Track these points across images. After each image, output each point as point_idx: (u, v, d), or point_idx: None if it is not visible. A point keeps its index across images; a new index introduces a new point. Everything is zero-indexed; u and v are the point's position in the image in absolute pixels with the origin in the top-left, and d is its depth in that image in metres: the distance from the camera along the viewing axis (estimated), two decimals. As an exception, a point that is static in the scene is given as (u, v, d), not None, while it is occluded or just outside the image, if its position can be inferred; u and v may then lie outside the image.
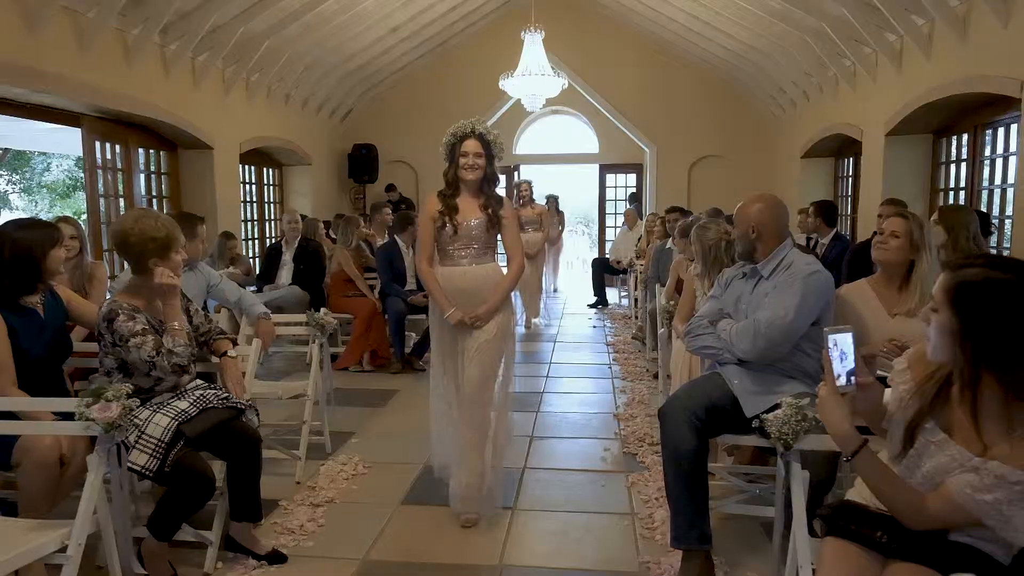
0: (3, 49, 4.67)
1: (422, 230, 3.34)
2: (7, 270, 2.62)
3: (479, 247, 3.29)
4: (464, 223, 3.25)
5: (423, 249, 3.33)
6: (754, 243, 2.81)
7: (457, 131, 3.27)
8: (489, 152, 3.27)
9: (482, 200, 3.28)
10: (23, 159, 17.67)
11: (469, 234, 3.26)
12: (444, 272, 3.30)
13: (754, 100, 10.47)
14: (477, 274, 3.28)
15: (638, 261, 8.32)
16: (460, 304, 3.23)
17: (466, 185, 3.27)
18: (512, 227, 3.35)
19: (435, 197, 3.32)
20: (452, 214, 3.24)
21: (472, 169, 3.23)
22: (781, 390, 2.63)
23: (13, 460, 2.50)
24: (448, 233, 3.25)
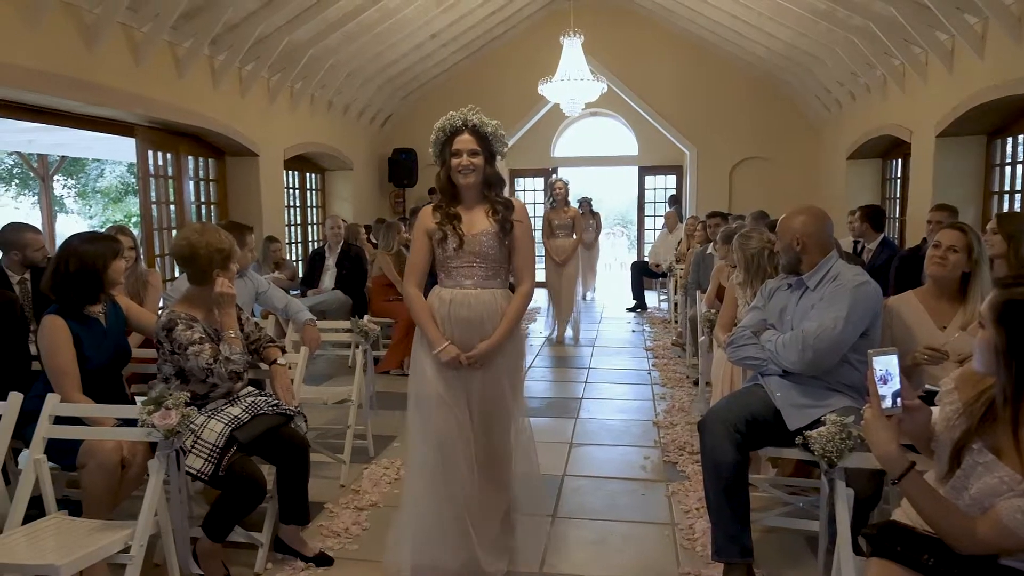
0: (64, 65, 4.86)
1: (413, 247, 2.79)
2: (72, 282, 2.75)
3: (488, 266, 2.69)
4: (470, 234, 2.66)
5: (412, 270, 2.75)
6: (799, 255, 2.79)
7: (446, 125, 2.67)
8: (488, 149, 2.68)
9: (488, 206, 2.71)
10: (79, 165, 18.26)
11: (477, 248, 2.67)
12: (442, 296, 2.71)
13: (798, 100, 10.32)
14: (483, 301, 2.67)
15: (678, 265, 8.27)
16: (460, 337, 2.66)
17: (465, 192, 2.70)
18: (526, 238, 2.75)
19: (432, 210, 2.74)
20: (456, 222, 2.67)
21: (467, 171, 2.64)
22: (825, 403, 2.62)
23: (78, 462, 2.63)
24: (451, 247, 2.66)
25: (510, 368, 2.76)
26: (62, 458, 2.66)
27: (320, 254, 6.93)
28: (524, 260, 2.75)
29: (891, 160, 8.62)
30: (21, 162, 15.90)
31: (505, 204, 2.72)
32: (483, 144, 2.67)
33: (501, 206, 2.70)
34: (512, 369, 2.78)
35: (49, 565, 1.96)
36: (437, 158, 2.72)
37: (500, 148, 2.73)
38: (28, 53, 4.57)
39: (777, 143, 10.59)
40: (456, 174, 2.66)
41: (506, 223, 2.69)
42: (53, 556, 2.03)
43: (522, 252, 2.74)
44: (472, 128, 2.66)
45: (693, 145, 10.88)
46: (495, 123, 2.70)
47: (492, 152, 2.71)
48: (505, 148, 2.75)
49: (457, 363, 2.64)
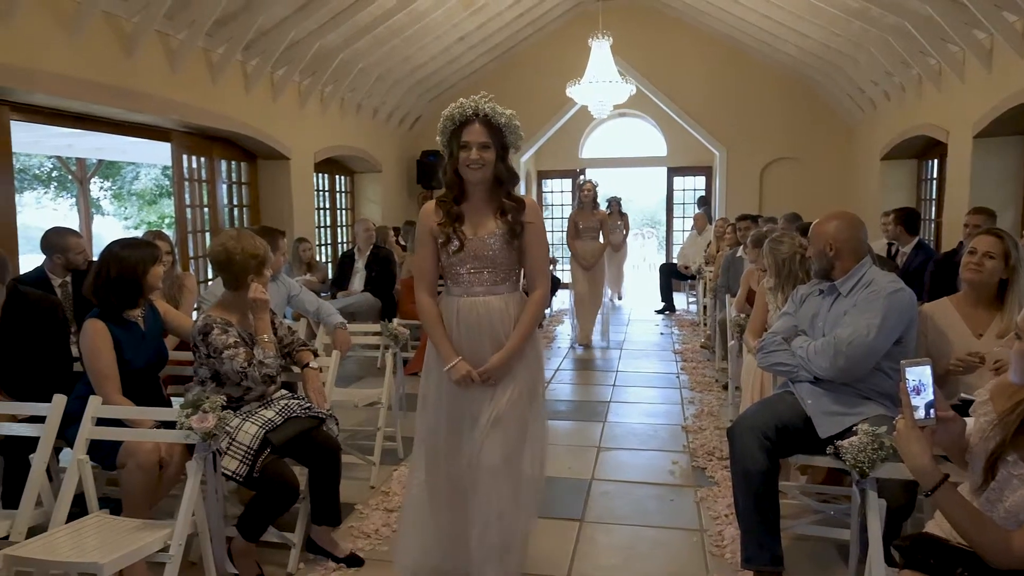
0: (103, 73, 4.98)
1: (419, 250, 2.55)
2: (113, 287, 2.82)
3: (496, 270, 2.47)
4: (475, 236, 2.44)
5: (421, 275, 2.53)
6: (832, 261, 2.77)
7: (454, 113, 2.41)
8: (500, 141, 2.43)
9: (497, 205, 2.47)
10: (114, 168, 18.66)
11: (483, 252, 2.44)
12: (448, 304, 2.51)
13: (830, 100, 10.19)
14: (494, 308, 2.47)
15: (707, 267, 8.22)
16: (470, 349, 2.47)
17: (473, 188, 2.46)
18: (538, 240, 2.52)
19: (435, 207, 2.50)
20: (457, 224, 2.44)
21: (476, 165, 2.39)
22: (857, 411, 2.60)
23: (118, 462, 2.71)
24: (453, 250, 2.44)
25: (527, 377, 2.53)
26: (103, 458, 2.73)
27: (350, 256, 7.01)
28: (537, 264, 2.52)
29: (927, 161, 8.48)
30: (60, 165, 16.29)
31: (515, 204, 2.47)
32: (495, 136, 2.41)
33: (511, 206, 2.45)
34: (530, 378, 2.54)
35: (92, 563, 2.02)
36: (445, 149, 2.46)
37: (514, 141, 2.46)
38: (70, 62, 4.70)
39: (809, 143, 10.47)
40: (464, 168, 2.41)
41: (516, 225, 2.44)
42: (96, 554, 2.09)
43: (535, 255, 2.50)
44: (483, 118, 2.39)
45: (723, 146, 10.80)
46: (509, 113, 2.43)
47: (505, 145, 2.44)
48: (520, 141, 2.49)
49: (469, 381, 2.43)
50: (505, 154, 2.47)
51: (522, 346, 2.48)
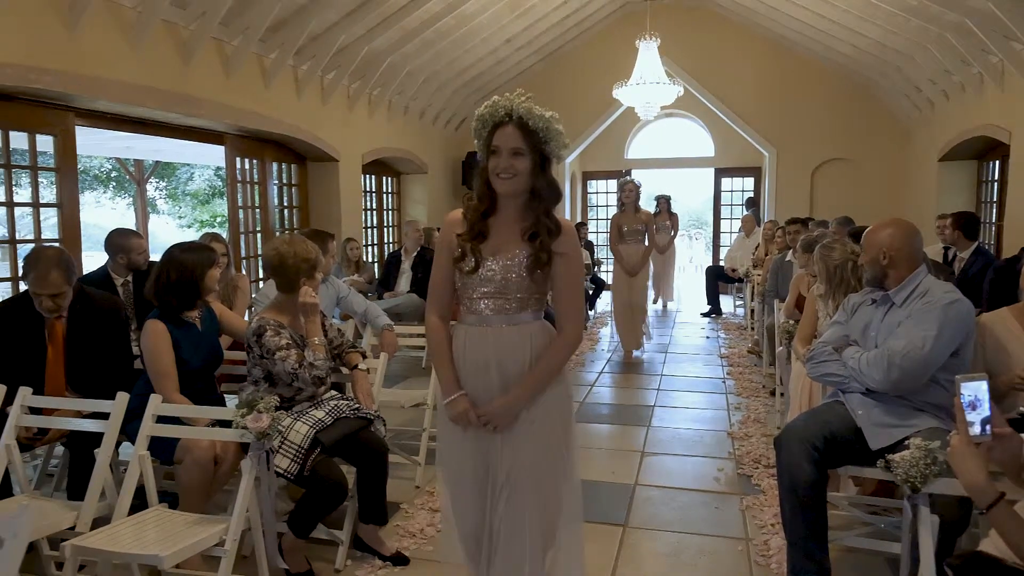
0: (163, 79, 5.15)
1: (436, 261, 2.20)
2: (173, 289, 2.93)
3: (514, 298, 2.10)
4: (493, 259, 2.07)
5: (433, 293, 2.20)
6: (885, 269, 2.71)
7: (486, 114, 2.07)
8: (537, 148, 2.05)
9: (527, 225, 2.08)
10: (169, 169, 19.24)
11: (499, 278, 2.08)
12: (458, 332, 2.17)
13: (886, 99, 9.93)
14: (509, 342, 2.10)
15: (755, 270, 8.10)
16: (476, 386, 2.11)
17: (503, 202, 2.10)
18: (571, 274, 2.12)
19: (460, 217, 2.16)
20: (477, 242, 2.09)
21: (506, 175, 2.03)
22: (910, 424, 2.54)
23: (176, 458, 2.82)
24: (466, 269, 2.08)
25: (549, 433, 2.11)
26: (161, 454, 2.84)
27: (396, 257, 7.11)
28: (569, 302, 2.13)
29: (987, 162, 8.21)
30: (119, 167, 16.86)
31: (550, 228, 2.07)
32: (530, 142, 2.02)
33: (545, 228, 2.06)
34: (553, 435, 2.12)
35: (154, 555, 2.11)
36: (480, 153, 2.12)
37: (556, 149, 2.07)
38: (131, 70, 4.87)
39: (862, 144, 10.22)
40: (493, 178, 2.06)
41: (543, 253, 2.05)
42: (156, 547, 2.18)
43: (567, 292, 2.12)
44: (518, 120, 2.02)
45: (772, 146, 10.62)
46: (550, 115, 2.04)
47: (544, 154, 2.06)
48: (563, 149, 2.09)
49: (466, 420, 2.08)
50: (545, 165, 2.08)
51: (535, 393, 2.06)
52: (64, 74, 4.37)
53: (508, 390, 2.07)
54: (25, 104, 4.52)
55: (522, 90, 2.10)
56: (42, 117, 4.69)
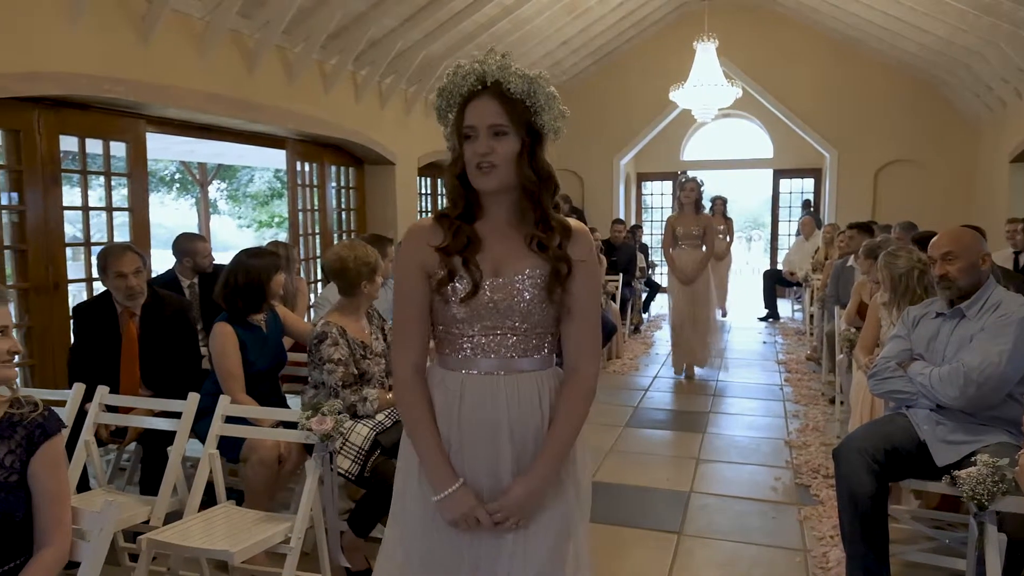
0: (228, 87, 5.33)
1: (400, 292, 1.62)
2: (241, 293, 3.05)
3: (527, 332, 1.58)
4: (497, 277, 1.55)
5: (401, 334, 1.62)
6: (986, 275, 2.61)
7: (451, 87, 1.56)
8: (524, 122, 1.52)
9: (529, 230, 1.57)
10: (231, 171, 19.82)
11: (509, 303, 1.55)
12: (445, 386, 1.59)
13: (953, 99, 9.60)
14: (523, 397, 1.57)
15: (814, 275, 7.92)
16: (478, 467, 1.56)
17: (489, 201, 1.58)
18: (589, 291, 1.61)
19: (432, 225, 1.60)
20: (470, 254, 1.54)
21: (485, 165, 1.51)
22: (979, 439, 2.47)
23: (242, 456, 2.93)
24: (459, 296, 1.54)
25: (564, 518, 1.59)
26: (227, 452, 2.95)
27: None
28: (586, 329, 1.61)
29: (1062, 163, 7.87)
30: (183, 169, 17.47)
31: (563, 229, 1.57)
32: (515, 114, 1.50)
33: (556, 231, 1.56)
34: (569, 520, 1.60)
35: (224, 551, 2.21)
36: (448, 141, 1.60)
37: (551, 121, 1.55)
38: (199, 78, 5.06)
39: (928, 145, 9.90)
40: (471, 171, 1.52)
41: (562, 263, 1.55)
42: (226, 543, 2.28)
43: (584, 315, 1.59)
44: (494, 87, 1.51)
45: (833, 147, 10.37)
46: (535, 74, 1.54)
47: (534, 129, 1.53)
48: (561, 120, 1.57)
49: (473, 521, 1.52)
50: (536, 144, 1.53)
51: (553, 469, 1.55)
52: (137, 83, 4.56)
53: (523, 469, 1.53)
54: (100, 112, 4.73)
55: (495, 48, 1.57)
56: (116, 125, 4.90)
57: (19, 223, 4.22)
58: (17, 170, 4.18)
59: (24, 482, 1.62)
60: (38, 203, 4.28)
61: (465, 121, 1.52)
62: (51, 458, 1.65)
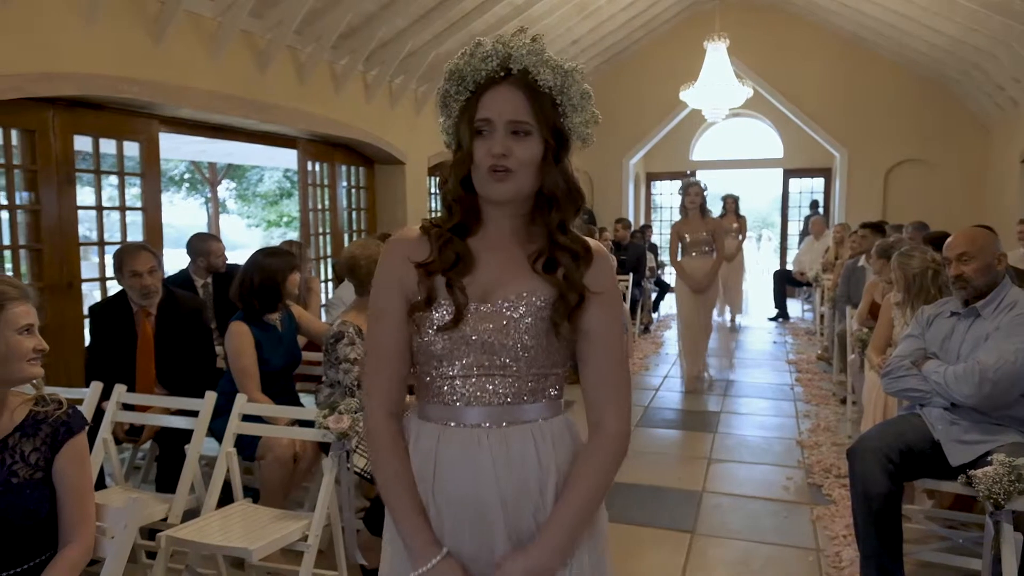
0: (241, 87, 5.36)
1: (374, 314, 1.34)
2: (257, 293, 3.07)
3: (530, 374, 1.29)
4: (485, 305, 1.27)
5: (374, 370, 1.34)
6: (1002, 274, 2.61)
7: (466, 68, 1.28)
8: (552, 123, 1.26)
9: (536, 248, 1.31)
10: (240, 171, 19.91)
11: (500, 335, 1.26)
12: (423, 440, 1.31)
13: (964, 98, 9.56)
14: (519, 457, 1.27)
15: (824, 275, 7.90)
16: (463, 537, 1.28)
17: (493, 213, 1.31)
18: (612, 330, 1.32)
19: (419, 237, 1.33)
20: (455, 274, 1.27)
21: (500, 171, 1.24)
22: (993, 439, 2.47)
23: (257, 454, 2.95)
24: (439, 324, 1.27)
25: None
26: (242, 450, 2.97)
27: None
28: (611, 375, 1.31)
29: (1074, 163, 7.82)
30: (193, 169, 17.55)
31: (574, 251, 1.29)
32: (541, 113, 1.24)
33: (566, 254, 1.28)
34: None
35: (243, 548, 2.23)
36: (447, 135, 1.33)
37: (581, 127, 1.28)
38: (212, 78, 5.09)
39: (939, 144, 9.86)
40: (479, 174, 1.25)
41: (572, 292, 1.26)
42: (244, 540, 2.29)
43: (603, 352, 1.30)
44: (521, 76, 1.25)
45: (844, 147, 10.34)
46: (571, 66, 1.27)
47: (560, 133, 1.26)
48: (593, 124, 1.29)
49: None
50: (560, 150, 1.27)
51: (575, 539, 1.27)
52: (150, 84, 4.59)
53: (524, 542, 1.25)
54: (114, 112, 4.76)
55: (524, 28, 1.32)
56: (129, 125, 4.93)
57: (34, 222, 4.26)
58: (32, 169, 4.22)
59: (49, 479, 1.64)
60: (52, 202, 4.31)
61: (479, 112, 1.25)
62: (75, 455, 1.67)
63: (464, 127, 1.27)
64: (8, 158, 4.14)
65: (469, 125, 1.26)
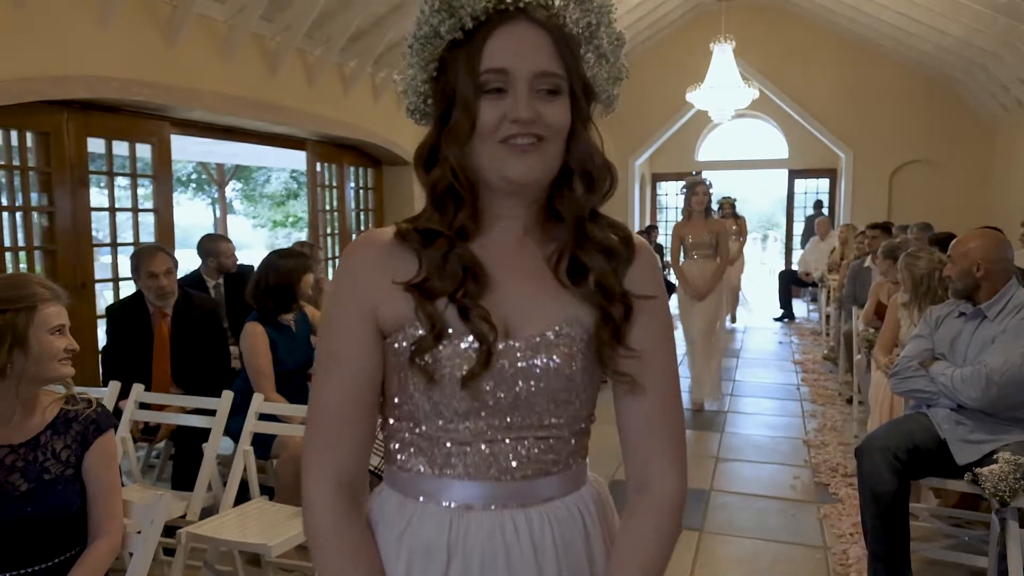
0: (251, 89, 5.42)
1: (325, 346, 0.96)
2: (271, 293, 3.12)
3: (570, 429, 0.97)
4: (507, 346, 0.91)
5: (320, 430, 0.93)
6: (979, 282, 2.66)
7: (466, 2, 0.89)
8: (581, 78, 0.94)
9: (556, 248, 0.97)
10: (247, 171, 19.98)
11: (540, 379, 0.91)
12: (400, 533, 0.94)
13: (969, 99, 9.56)
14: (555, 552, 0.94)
15: (830, 275, 7.92)
16: None
17: (499, 204, 0.96)
18: (665, 348, 0.99)
19: (393, 243, 0.95)
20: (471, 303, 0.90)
21: (525, 140, 0.89)
22: (999, 438, 2.50)
23: (272, 453, 2.99)
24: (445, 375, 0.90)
25: None
26: (257, 449, 3.01)
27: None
28: (667, 408, 0.99)
29: (1080, 163, 7.83)
30: (200, 169, 17.62)
31: (611, 247, 0.98)
32: (571, 63, 0.93)
33: (595, 249, 0.96)
34: None
35: (262, 544, 2.27)
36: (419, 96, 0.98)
37: (607, 83, 1.01)
38: (223, 81, 5.14)
39: (944, 145, 9.87)
40: (491, 151, 0.91)
41: (618, 304, 0.95)
42: (262, 537, 2.34)
43: (660, 383, 0.99)
44: (542, 15, 0.93)
45: (849, 148, 10.36)
46: (600, 2, 0.98)
47: (586, 88, 0.96)
48: (616, 90, 1.03)
49: None
50: (584, 111, 0.97)
51: None
52: (163, 86, 4.64)
53: None
54: (126, 115, 4.82)
55: None
56: (141, 127, 4.99)
57: (48, 224, 4.32)
58: (46, 171, 4.28)
59: (79, 476, 1.69)
60: (66, 204, 4.37)
61: (487, 60, 0.88)
62: (104, 453, 1.71)
63: (463, 81, 0.89)
64: (23, 160, 4.20)
65: (471, 78, 0.89)
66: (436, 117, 0.96)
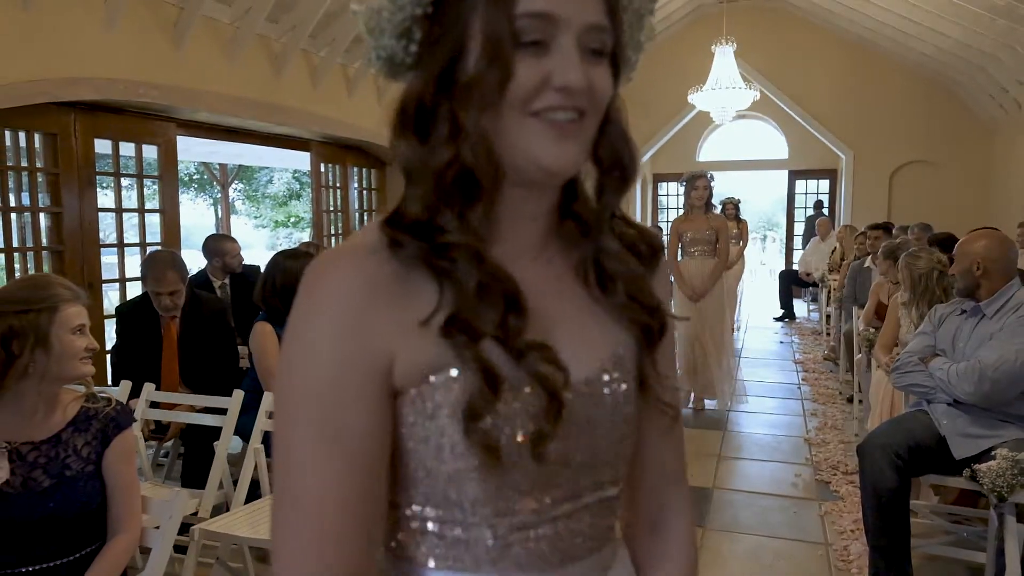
0: (256, 91, 5.46)
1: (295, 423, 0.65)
2: (278, 293, 3.15)
3: (618, 496, 0.77)
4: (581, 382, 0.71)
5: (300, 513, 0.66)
6: (978, 280, 2.71)
7: None
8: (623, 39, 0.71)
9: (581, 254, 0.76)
10: (249, 172, 20.03)
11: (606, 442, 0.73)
12: None
13: (969, 101, 9.61)
14: None
15: (830, 275, 7.97)
16: None
17: (518, 200, 0.71)
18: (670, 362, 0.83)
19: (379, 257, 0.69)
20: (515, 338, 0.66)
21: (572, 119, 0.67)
22: (996, 434, 2.55)
23: (281, 451, 3.02)
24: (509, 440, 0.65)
25: None
26: (266, 447, 3.06)
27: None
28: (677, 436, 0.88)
29: (1079, 163, 7.87)
30: (203, 170, 17.66)
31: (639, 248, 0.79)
32: (617, 11, 0.70)
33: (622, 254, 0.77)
34: None
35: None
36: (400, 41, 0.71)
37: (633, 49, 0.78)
38: (229, 82, 5.18)
39: (943, 146, 9.92)
40: (523, 127, 0.66)
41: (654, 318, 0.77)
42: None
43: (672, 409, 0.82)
44: None
45: (849, 148, 10.40)
46: None
47: (624, 53, 0.73)
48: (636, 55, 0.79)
49: None
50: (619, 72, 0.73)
51: None
52: (169, 88, 4.68)
53: None
54: (133, 116, 4.86)
55: None
56: (148, 128, 5.03)
57: (56, 225, 4.36)
58: (54, 172, 4.31)
59: (99, 473, 1.73)
60: (74, 205, 4.41)
61: (524, 3, 0.65)
62: (124, 450, 1.75)
63: (491, 21, 0.65)
64: (31, 161, 4.24)
65: (508, 23, 0.65)
66: (433, 72, 0.69)
